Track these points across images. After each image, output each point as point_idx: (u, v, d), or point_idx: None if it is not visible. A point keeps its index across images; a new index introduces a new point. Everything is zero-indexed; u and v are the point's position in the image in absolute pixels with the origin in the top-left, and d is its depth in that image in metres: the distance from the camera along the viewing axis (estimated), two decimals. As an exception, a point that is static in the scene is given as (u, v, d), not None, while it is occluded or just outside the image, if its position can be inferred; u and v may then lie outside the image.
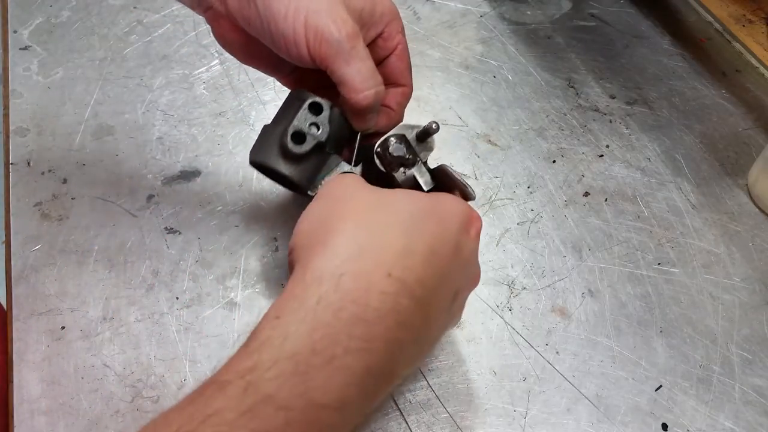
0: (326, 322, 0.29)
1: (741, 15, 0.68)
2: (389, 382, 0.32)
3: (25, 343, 0.43)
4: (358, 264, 0.30)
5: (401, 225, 0.32)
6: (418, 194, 0.35)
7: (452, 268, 0.33)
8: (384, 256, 0.31)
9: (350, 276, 0.30)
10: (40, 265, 0.46)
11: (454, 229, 0.34)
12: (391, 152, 0.39)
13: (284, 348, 0.28)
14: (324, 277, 0.30)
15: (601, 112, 0.60)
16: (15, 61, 0.59)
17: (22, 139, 0.53)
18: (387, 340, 0.30)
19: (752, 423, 0.42)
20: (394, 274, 0.30)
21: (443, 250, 0.33)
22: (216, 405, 0.27)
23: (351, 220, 0.32)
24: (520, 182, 0.54)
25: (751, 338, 0.46)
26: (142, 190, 0.51)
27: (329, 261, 0.30)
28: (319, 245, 0.31)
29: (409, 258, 0.31)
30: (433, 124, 0.40)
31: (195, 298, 0.45)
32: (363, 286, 0.30)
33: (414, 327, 0.31)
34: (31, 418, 0.40)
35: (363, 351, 0.29)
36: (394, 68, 0.42)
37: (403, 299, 0.30)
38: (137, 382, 0.41)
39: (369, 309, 0.29)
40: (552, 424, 0.42)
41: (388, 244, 0.31)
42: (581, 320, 0.46)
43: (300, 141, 0.39)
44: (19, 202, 0.49)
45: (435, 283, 0.32)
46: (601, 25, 0.68)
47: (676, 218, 0.53)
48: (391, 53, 0.41)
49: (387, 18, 0.40)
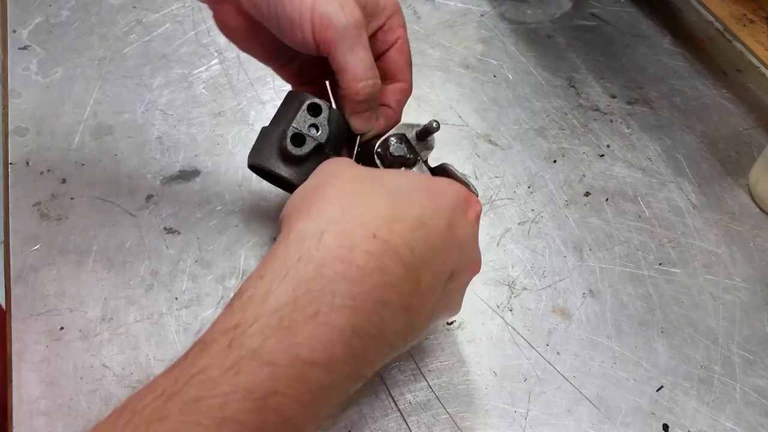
0: (309, 278, 0.29)
1: (742, 14, 0.68)
2: (379, 346, 0.31)
3: (24, 343, 0.42)
4: (341, 224, 0.30)
5: (388, 194, 0.32)
6: (411, 172, 0.36)
7: (446, 243, 0.33)
8: (369, 219, 0.31)
9: (332, 234, 0.30)
10: (39, 265, 0.46)
11: (447, 205, 0.34)
12: (391, 152, 0.39)
13: (267, 304, 0.28)
14: (306, 236, 0.30)
15: (601, 112, 0.60)
16: (14, 60, 0.58)
17: (21, 138, 0.53)
18: (373, 301, 0.30)
19: (753, 423, 0.42)
20: (379, 235, 0.30)
21: (434, 223, 0.32)
22: (200, 363, 0.27)
23: (337, 188, 0.33)
24: (521, 182, 0.54)
25: (753, 338, 0.46)
26: (142, 189, 0.51)
27: (312, 222, 0.31)
28: (304, 212, 0.32)
29: (395, 223, 0.31)
30: (433, 123, 0.39)
31: (194, 298, 0.45)
32: (346, 243, 0.30)
33: (403, 292, 0.31)
34: (30, 418, 0.40)
35: (347, 308, 0.29)
36: (393, 62, 0.42)
37: (389, 261, 0.30)
38: (136, 382, 0.41)
39: (352, 267, 0.29)
40: (553, 424, 0.41)
41: (373, 209, 0.31)
42: (582, 321, 0.46)
43: (300, 143, 0.38)
44: (18, 201, 0.49)
45: (425, 253, 0.32)
46: (602, 24, 0.68)
47: (677, 218, 0.53)
48: (391, 47, 0.41)
49: (389, 11, 0.40)
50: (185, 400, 0.26)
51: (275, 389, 0.27)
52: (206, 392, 0.26)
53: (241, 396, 0.26)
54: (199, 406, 0.26)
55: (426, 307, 0.33)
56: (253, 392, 0.27)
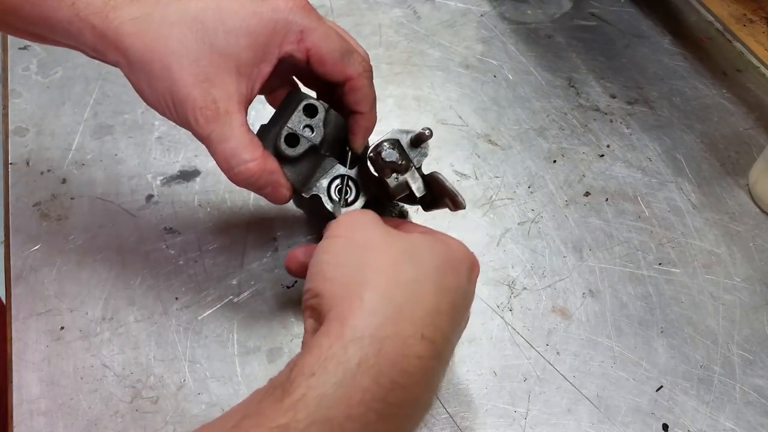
0: (365, 387, 0.28)
1: (742, 14, 0.68)
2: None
3: (25, 343, 0.42)
4: (397, 326, 0.30)
5: (429, 281, 0.32)
6: (432, 240, 0.35)
7: (462, 319, 0.34)
8: (418, 318, 0.31)
9: (391, 340, 0.29)
10: (40, 265, 0.46)
11: (465, 279, 0.34)
12: (383, 158, 0.39)
13: (320, 410, 0.28)
14: (365, 338, 0.29)
15: (601, 112, 0.60)
16: (14, 60, 0.58)
17: (21, 138, 0.53)
18: (415, 405, 0.30)
19: (753, 423, 0.42)
20: (426, 335, 0.30)
21: (460, 303, 0.33)
22: None
23: (384, 274, 0.32)
24: (521, 182, 0.54)
25: (752, 338, 0.46)
26: (142, 189, 0.51)
27: (369, 321, 0.30)
28: (356, 300, 0.30)
29: (438, 317, 0.31)
30: (426, 131, 0.39)
31: (194, 298, 0.45)
32: (400, 351, 0.29)
33: (435, 386, 0.32)
34: (31, 418, 0.40)
35: (393, 416, 0.29)
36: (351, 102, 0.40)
37: (432, 362, 0.31)
38: (136, 382, 0.41)
39: (405, 374, 0.29)
40: (552, 424, 0.41)
41: (421, 303, 0.31)
42: (582, 320, 0.46)
43: (293, 143, 0.38)
44: (19, 201, 0.49)
45: (452, 337, 0.33)
46: (602, 24, 0.68)
47: (677, 218, 0.53)
48: (346, 82, 0.39)
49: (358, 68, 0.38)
50: None
51: None
52: None
53: None
54: None
55: (441, 381, 0.35)
56: None
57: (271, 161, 0.37)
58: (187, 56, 0.34)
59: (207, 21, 0.34)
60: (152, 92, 0.35)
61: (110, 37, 0.34)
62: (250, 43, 0.35)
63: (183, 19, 0.34)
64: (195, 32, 0.34)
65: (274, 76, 0.38)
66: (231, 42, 0.35)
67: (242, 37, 0.35)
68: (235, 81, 0.35)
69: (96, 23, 0.34)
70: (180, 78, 0.34)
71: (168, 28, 0.34)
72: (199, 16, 0.34)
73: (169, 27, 0.34)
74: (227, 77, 0.35)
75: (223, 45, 0.34)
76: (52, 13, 0.35)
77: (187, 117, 0.35)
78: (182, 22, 0.34)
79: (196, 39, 0.34)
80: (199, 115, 0.35)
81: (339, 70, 0.38)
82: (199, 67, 0.34)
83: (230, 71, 0.35)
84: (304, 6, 0.36)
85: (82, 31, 0.35)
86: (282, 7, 0.36)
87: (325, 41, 0.37)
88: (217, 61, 0.35)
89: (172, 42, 0.34)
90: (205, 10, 0.34)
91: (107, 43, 0.35)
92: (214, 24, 0.34)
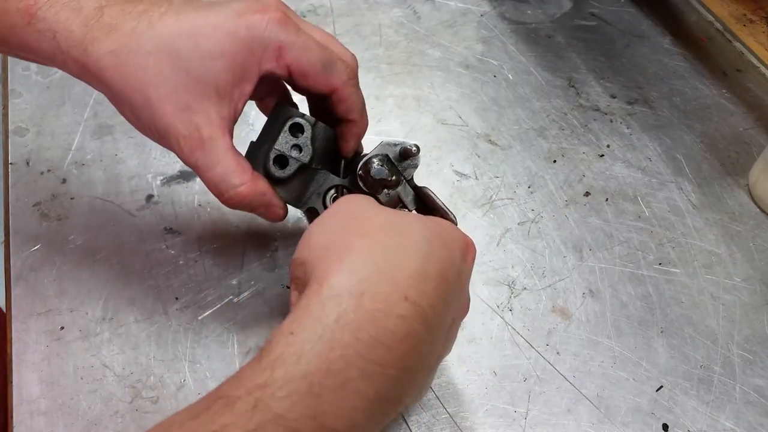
0: (344, 343, 0.28)
1: (742, 14, 0.68)
2: (395, 409, 0.31)
3: (25, 343, 0.42)
4: (377, 284, 0.30)
5: (415, 248, 0.32)
6: (424, 218, 0.35)
7: (455, 294, 0.33)
8: (401, 279, 0.30)
9: (370, 296, 0.29)
10: (40, 265, 0.46)
11: (457, 255, 0.34)
12: (372, 176, 0.39)
13: (298, 366, 0.27)
14: (343, 295, 0.29)
15: (601, 112, 0.60)
16: (14, 60, 0.58)
17: (21, 138, 0.53)
18: (400, 367, 0.29)
19: (753, 423, 0.42)
20: (410, 297, 0.30)
21: (450, 275, 0.32)
22: (222, 421, 0.26)
23: (367, 239, 0.32)
24: (521, 182, 0.54)
25: (752, 338, 0.46)
26: (142, 190, 0.51)
27: (348, 279, 0.30)
28: (336, 261, 0.30)
29: (423, 282, 0.31)
30: (412, 148, 0.39)
31: (194, 298, 0.45)
32: (382, 307, 0.29)
33: (423, 354, 0.31)
34: (30, 418, 0.40)
35: (377, 375, 0.28)
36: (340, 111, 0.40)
37: (417, 325, 0.30)
38: (136, 382, 0.41)
39: (387, 332, 0.29)
40: (552, 424, 0.41)
41: (404, 266, 0.31)
42: (582, 320, 0.46)
43: (282, 165, 0.38)
44: (18, 202, 0.49)
45: (441, 309, 0.32)
46: (602, 24, 0.68)
47: (677, 218, 0.53)
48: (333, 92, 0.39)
49: (344, 77, 0.38)
50: None
51: None
52: None
53: None
54: None
55: (434, 361, 0.34)
56: None
57: (262, 183, 0.37)
58: (165, 86, 0.34)
59: (181, 48, 0.34)
60: (137, 121, 0.36)
61: (91, 70, 0.34)
62: (227, 65, 0.35)
63: (158, 47, 0.34)
64: (170, 60, 0.34)
65: (261, 86, 0.37)
66: (207, 66, 0.34)
67: (218, 60, 0.34)
68: (216, 105, 0.35)
69: (77, 56, 0.34)
70: (159, 108, 0.34)
71: (144, 58, 0.34)
72: (173, 43, 0.34)
73: (145, 57, 0.34)
74: (207, 102, 0.35)
75: (199, 70, 0.34)
76: (36, 44, 0.35)
77: (171, 145, 0.35)
78: (157, 51, 0.34)
79: (172, 67, 0.34)
80: (183, 144, 0.35)
81: (323, 81, 0.37)
82: (178, 95, 0.34)
83: (210, 96, 0.35)
84: (280, 20, 0.35)
85: (66, 62, 0.35)
86: (257, 23, 0.35)
87: (304, 55, 0.36)
88: (195, 88, 0.34)
89: (149, 73, 0.34)
90: (179, 36, 0.34)
91: (89, 75, 0.35)
92: (188, 50, 0.34)
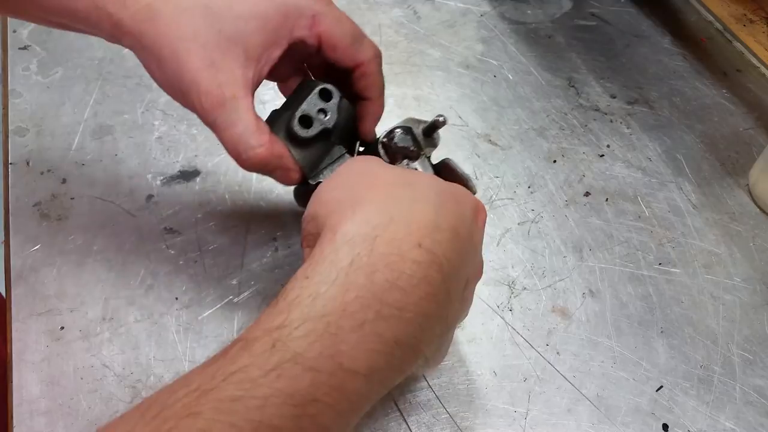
0: (359, 284, 0.28)
1: (742, 14, 0.68)
2: (414, 357, 0.31)
3: (25, 343, 0.42)
4: (390, 231, 0.30)
5: (428, 201, 0.32)
6: (435, 177, 0.35)
7: (468, 252, 0.33)
8: (414, 227, 0.30)
9: (384, 240, 0.29)
10: (40, 266, 0.46)
11: (468, 214, 0.34)
12: (396, 142, 0.39)
13: (314, 307, 0.27)
14: (356, 240, 0.29)
15: (601, 112, 0.60)
16: (14, 60, 0.58)
17: (21, 138, 0.53)
18: (417, 312, 0.29)
19: (753, 423, 0.42)
20: (424, 245, 0.30)
21: (463, 231, 0.32)
22: (240, 362, 0.26)
23: (380, 191, 0.32)
24: (521, 182, 0.54)
25: (752, 338, 0.46)
26: (142, 190, 0.51)
27: (361, 226, 0.30)
28: (349, 211, 0.31)
29: (437, 232, 0.31)
30: (440, 118, 0.39)
31: (194, 298, 0.45)
32: (396, 251, 0.29)
33: (440, 303, 0.31)
34: (30, 418, 0.40)
35: (394, 319, 0.28)
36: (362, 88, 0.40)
37: (433, 272, 0.30)
38: (137, 382, 0.41)
39: (403, 276, 0.29)
40: (552, 424, 0.41)
41: (418, 216, 0.31)
42: (582, 320, 0.46)
43: (307, 125, 0.38)
44: (18, 202, 0.49)
45: (457, 263, 0.32)
46: (602, 24, 0.68)
47: (677, 218, 0.53)
48: (357, 67, 0.40)
49: (369, 54, 0.39)
50: (221, 398, 0.25)
51: (315, 397, 0.26)
52: (244, 393, 0.25)
53: (281, 401, 0.26)
54: (235, 407, 0.25)
55: (451, 317, 0.34)
56: (294, 398, 0.26)
57: (279, 145, 0.37)
58: (196, 41, 0.35)
59: (217, 6, 0.35)
60: (162, 75, 0.36)
61: (125, 24, 0.35)
62: (259, 26, 0.36)
63: (195, 4, 0.35)
64: (204, 17, 0.35)
65: (285, 65, 0.38)
66: (240, 26, 0.35)
67: (251, 21, 0.35)
68: (242, 66, 0.36)
69: (113, 11, 0.35)
70: (186, 62, 0.35)
71: (179, 14, 0.35)
72: (210, 1, 0.35)
73: (181, 13, 0.35)
74: (234, 62, 0.35)
75: (231, 29, 0.35)
76: (72, 4, 0.36)
77: (193, 102, 0.35)
78: (193, 8, 0.35)
79: (206, 24, 0.35)
80: (204, 100, 0.35)
81: (350, 55, 0.38)
82: (206, 52, 0.35)
83: (238, 56, 0.35)
84: None
85: (101, 20, 0.36)
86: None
87: (337, 26, 0.37)
88: (225, 46, 0.35)
89: (183, 27, 0.35)
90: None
91: (122, 29, 0.35)
92: (223, 9, 0.35)
